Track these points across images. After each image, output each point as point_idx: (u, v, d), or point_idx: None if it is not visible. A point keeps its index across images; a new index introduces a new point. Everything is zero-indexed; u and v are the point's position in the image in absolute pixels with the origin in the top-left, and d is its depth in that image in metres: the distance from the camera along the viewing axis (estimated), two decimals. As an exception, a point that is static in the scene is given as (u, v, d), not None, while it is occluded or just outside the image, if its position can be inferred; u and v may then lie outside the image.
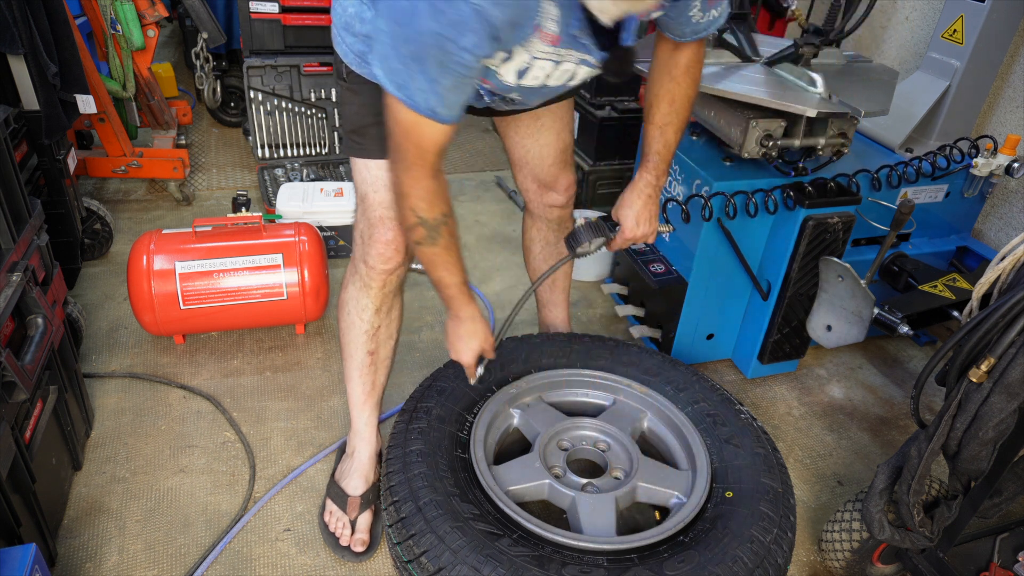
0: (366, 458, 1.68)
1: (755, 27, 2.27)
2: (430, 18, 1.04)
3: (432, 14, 1.04)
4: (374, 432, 1.68)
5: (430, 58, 1.09)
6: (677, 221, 2.03)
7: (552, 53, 1.22)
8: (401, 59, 1.11)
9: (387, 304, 1.58)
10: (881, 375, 2.36)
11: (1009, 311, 1.11)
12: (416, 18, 1.05)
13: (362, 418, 1.67)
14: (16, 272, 1.46)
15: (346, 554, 1.62)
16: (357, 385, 1.64)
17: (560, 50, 1.21)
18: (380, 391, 1.68)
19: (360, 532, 1.63)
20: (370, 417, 1.67)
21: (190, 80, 4.03)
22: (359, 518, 1.64)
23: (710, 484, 1.53)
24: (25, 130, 2.07)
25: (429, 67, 1.10)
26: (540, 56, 1.22)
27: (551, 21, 1.14)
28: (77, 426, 1.78)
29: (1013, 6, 2.18)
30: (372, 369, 1.63)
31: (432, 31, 1.05)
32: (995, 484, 1.31)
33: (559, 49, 1.21)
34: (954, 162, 2.18)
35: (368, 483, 1.67)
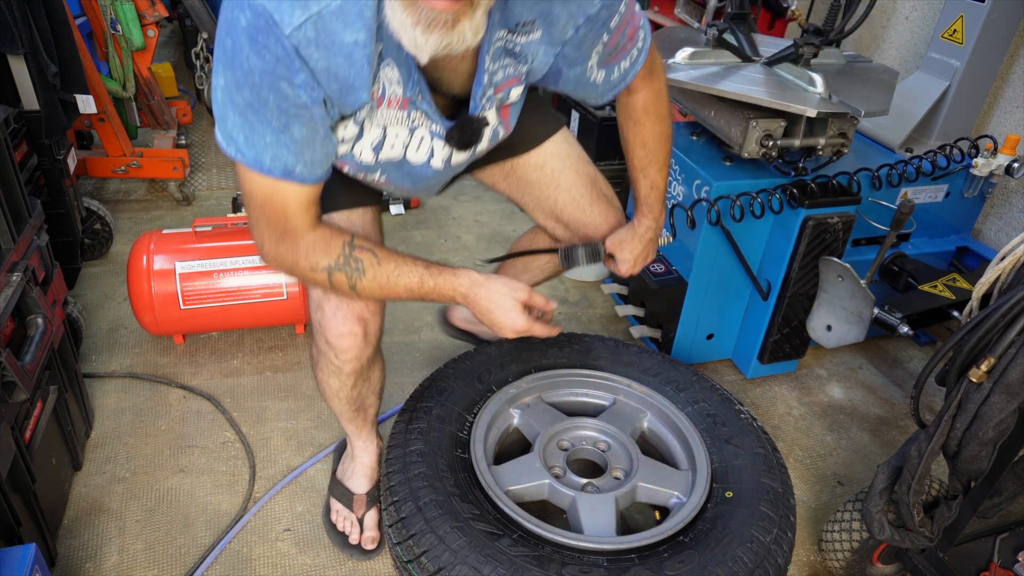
0: (369, 461, 1.68)
1: (755, 27, 2.27)
2: (255, 55, 0.93)
3: (256, 51, 0.93)
4: (373, 442, 1.68)
5: (268, 103, 0.97)
6: (681, 226, 2.03)
7: (404, 117, 1.12)
8: (239, 111, 0.99)
9: (363, 376, 1.49)
10: (881, 375, 2.36)
11: (1009, 311, 1.11)
12: (241, 57, 0.94)
13: (360, 439, 1.66)
14: (16, 272, 1.46)
15: (355, 552, 1.62)
16: (350, 426, 1.62)
17: (411, 114, 1.12)
18: (374, 417, 1.65)
19: (369, 530, 1.63)
20: (368, 435, 1.66)
21: (190, 80, 4.03)
22: (366, 516, 1.64)
23: (710, 484, 1.53)
24: (25, 130, 2.07)
25: (270, 115, 0.98)
26: (392, 123, 1.13)
27: (395, 85, 1.06)
28: (77, 426, 1.78)
29: (1013, 6, 2.18)
30: (362, 413, 1.59)
31: (261, 69, 0.94)
32: (995, 484, 1.31)
33: (410, 113, 1.12)
34: (954, 162, 2.18)
35: (372, 482, 1.67)
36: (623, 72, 1.27)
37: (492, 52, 1.09)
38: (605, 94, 1.31)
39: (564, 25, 1.12)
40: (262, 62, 0.94)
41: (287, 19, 0.91)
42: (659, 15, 3.62)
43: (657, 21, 3.56)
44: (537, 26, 1.10)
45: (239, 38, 0.94)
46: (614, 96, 1.34)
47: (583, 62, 1.20)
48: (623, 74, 1.27)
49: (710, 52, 2.07)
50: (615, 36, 1.19)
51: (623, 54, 1.24)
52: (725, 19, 2.15)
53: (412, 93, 1.08)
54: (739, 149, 1.90)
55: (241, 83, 0.97)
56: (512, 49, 1.12)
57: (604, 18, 1.14)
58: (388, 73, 1.04)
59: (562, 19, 1.11)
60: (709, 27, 2.11)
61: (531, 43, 1.12)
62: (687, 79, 1.88)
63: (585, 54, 1.19)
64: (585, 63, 1.20)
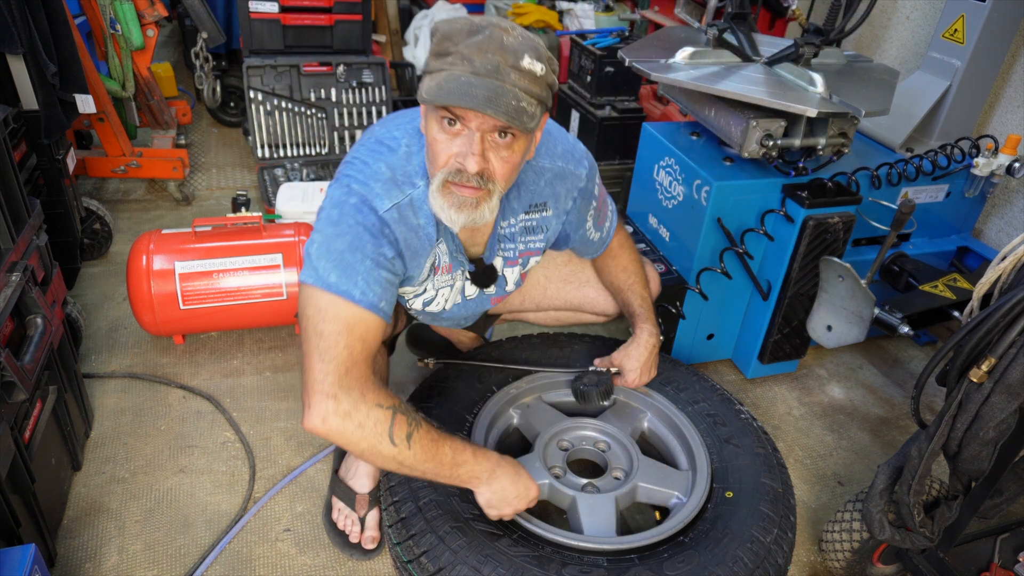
0: None
1: (755, 27, 2.27)
2: (360, 217, 1.27)
3: (359, 218, 1.27)
4: None
5: (365, 249, 1.26)
6: (682, 226, 2.02)
7: (448, 279, 1.49)
8: (337, 255, 1.25)
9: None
10: (881, 375, 2.36)
11: (1010, 311, 1.11)
12: (347, 219, 1.27)
13: None
14: (15, 272, 1.46)
15: (355, 552, 1.62)
16: None
17: (454, 274, 1.48)
18: None
19: (370, 529, 1.63)
20: None
21: (190, 80, 4.03)
22: (368, 516, 1.64)
23: (710, 484, 1.53)
24: (24, 130, 2.07)
25: (365, 258, 1.26)
26: (442, 285, 1.49)
27: (444, 256, 1.43)
28: (77, 426, 1.78)
29: (1014, 6, 2.18)
30: None
31: (362, 226, 1.26)
32: (996, 484, 1.31)
33: (453, 274, 1.48)
34: (955, 162, 2.18)
35: (375, 481, 1.67)
36: (608, 230, 1.68)
37: (517, 228, 1.49)
38: (599, 248, 1.71)
39: (565, 199, 1.51)
40: (364, 222, 1.27)
41: (380, 204, 1.29)
42: (659, 15, 3.62)
43: (657, 21, 3.56)
44: (548, 206, 1.50)
45: (345, 209, 1.28)
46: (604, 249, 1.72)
47: (583, 225, 1.59)
48: (609, 231, 1.69)
49: (710, 52, 2.07)
50: (599, 203, 1.61)
51: (605, 217, 1.66)
52: (725, 19, 2.15)
53: (454, 255, 1.44)
54: (739, 149, 1.90)
55: (344, 234, 1.26)
56: (532, 226, 1.51)
57: (590, 188, 1.54)
58: (440, 247, 1.41)
59: (563, 195, 1.50)
60: (709, 27, 2.11)
61: (545, 218, 1.52)
62: (687, 79, 1.88)
63: (583, 218, 1.58)
64: (584, 226, 1.60)
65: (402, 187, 1.31)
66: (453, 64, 1.13)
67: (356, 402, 1.22)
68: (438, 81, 1.13)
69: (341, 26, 3.21)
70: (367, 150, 1.34)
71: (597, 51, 2.96)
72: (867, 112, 1.76)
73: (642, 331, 1.70)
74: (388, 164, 1.32)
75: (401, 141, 1.34)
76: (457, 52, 1.13)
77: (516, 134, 1.19)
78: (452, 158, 1.20)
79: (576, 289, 1.84)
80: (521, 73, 1.13)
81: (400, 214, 1.31)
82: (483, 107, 1.10)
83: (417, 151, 1.33)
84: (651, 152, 2.24)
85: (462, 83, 1.11)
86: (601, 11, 4.17)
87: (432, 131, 1.21)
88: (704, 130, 2.21)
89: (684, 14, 3.18)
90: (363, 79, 3.25)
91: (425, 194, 1.31)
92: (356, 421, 1.22)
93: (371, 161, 1.32)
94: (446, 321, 1.70)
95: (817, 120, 1.88)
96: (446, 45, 1.15)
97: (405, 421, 1.26)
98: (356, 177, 1.30)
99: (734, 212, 1.98)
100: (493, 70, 1.12)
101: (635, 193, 2.39)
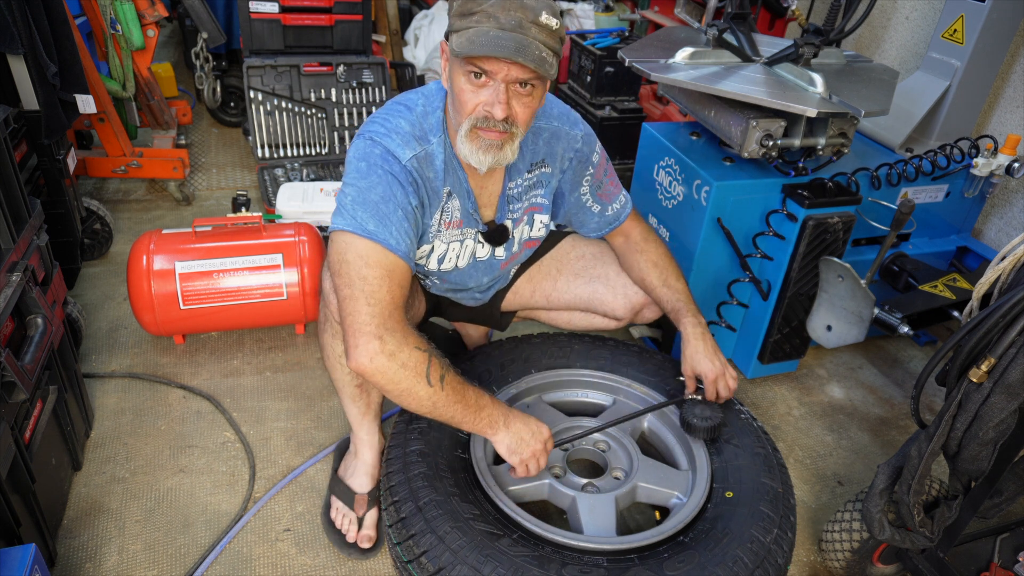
0: (371, 459, 1.68)
1: (755, 27, 2.27)
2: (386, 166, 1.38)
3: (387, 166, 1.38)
4: (376, 436, 1.68)
5: (396, 198, 1.36)
6: (681, 225, 2.02)
7: (459, 234, 1.56)
8: (373, 205, 1.35)
9: None
10: (881, 375, 2.36)
11: (1009, 311, 1.11)
12: (376, 169, 1.37)
13: (363, 428, 1.67)
14: (16, 272, 1.46)
15: (352, 551, 1.62)
16: (352, 408, 1.64)
17: (464, 230, 1.56)
18: (377, 405, 1.67)
19: (367, 529, 1.63)
20: (371, 426, 1.67)
21: (190, 80, 4.03)
22: (366, 515, 1.64)
23: (710, 484, 1.53)
24: (25, 130, 2.07)
25: (397, 207, 1.36)
26: (452, 239, 1.56)
27: (456, 212, 1.52)
28: (77, 426, 1.78)
29: (1013, 6, 2.18)
30: (364, 395, 1.62)
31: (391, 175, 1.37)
32: (995, 484, 1.31)
33: (463, 230, 1.56)
34: (954, 162, 2.18)
35: (374, 481, 1.68)
36: (616, 212, 1.74)
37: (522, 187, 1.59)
38: (603, 227, 1.76)
39: (562, 158, 1.61)
40: (391, 170, 1.38)
41: (402, 154, 1.40)
42: (659, 15, 3.62)
43: (657, 21, 3.56)
44: (547, 163, 1.60)
45: (373, 160, 1.38)
46: (611, 230, 1.76)
47: (578, 187, 1.67)
48: (616, 213, 1.74)
49: (710, 52, 2.07)
50: (599, 171, 1.68)
51: (612, 196, 1.72)
52: (725, 19, 2.15)
53: (468, 212, 1.53)
54: (739, 149, 1.90)
55: (375, 185, 1.37)
56: (534, 182, 1.61)
57: (586, 153, 1.63)
58: (452, 203, 1.51)
59: (559, 154, 1.60)
60: (709, 27, 2.11)
61: (544, 174, 1.62)
62: (687, 79, 1.88)
63: (579, 181, 1.66)
64: (579, 188, 1.68)
65: (420, 141, 1.43)
66: (479, 22, 1.26)
67: (400, 343, 1.31)
68: (468, 36, 1.26)
69: (341, 26, 3.21)
70: (386, 111, 1.47)
71: (597, 51, 2.96)
72: (867, 112, 1.76)
73: (685, 325, 1.67)
74: (407, 120, 1.43)
75: (418, 102, 1.47)
76: (482, 11, 1.26)
77: (535, 84, 1.33)
78: (479, 106, 1.33)
79: (586, 284, 1.83)
80: (540, 27, 1.26)
81: (419, 164, 1.42)
82: (514, 56, 1.23)
83: (433, 111, 1.45)
84: (651, 152, 2.24)
85: (491, 37, 1.24)
86: (601, 11, 4.17)
87: (459, 83, 1.33)
88: (704, 130, 2.21)
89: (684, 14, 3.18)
90: (363, 79, 3.25)
91: (439, 150, 1.44)
92: (400, 361, 1.30)
93: (391, 118, 1.43)
94: (462, 293, 1.75)
95: (817, 120, 1.88)
96: (470, 6, 1.27)
97: (438, 364, 1.35)
98: (377, 131, 1.42)
99: (734, 212, 1.98)
100: (517, 25, 1.25)
101: (635, 193, 2.39)
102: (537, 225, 1.69)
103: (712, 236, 2.00)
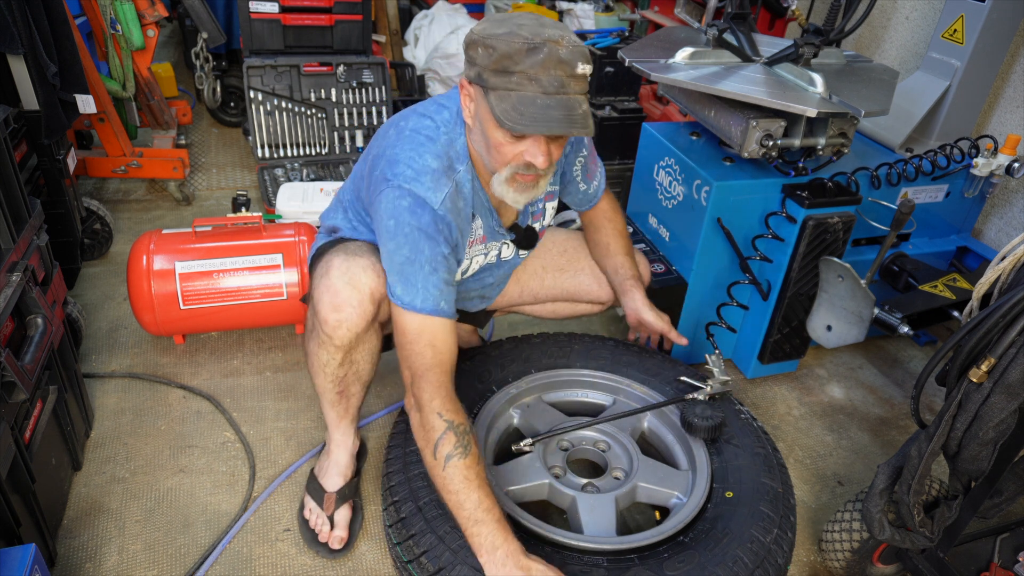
0: (343, 459, 1.69)
1: (755, 27, 2.27)
2: (416, 220, 1.36)
3: (416, 219, 1.36)
4: (351, 438, 1.69)
5: (424, 254, 1.36)
6: (681, 225, 2.02)
7: (482, 248, 1.59)
8: (398, 267, 1.37)
9: (350, 356, 1.52)
10: (881, 375, 2.36)
11: (1009, 311, 1.11)
12: (404, 226, 1.36)
13: (339, 430, 1.68)
14: (16, 272, 1.46)
15: (322, 550, 1.62)
16: (331, 412, 1.65)
17: (488, 244, 1.60)
18: (355, 410, 1.67)
19: (339, 529, 1.63)
20: (347, 428, 1.68)
21: (190, 80, 4.03)
22: (337, 515, 1.65)
23: (710, 484, 1.53)
24: (25, 130, 2.07)
25: (425, 263, 1.36)
26: (476, 254, 1.59)
27: (479, 230, 1.54)
28: (77, 426, 1.78)
29: (1013, 6, 2.18)
30: (344, 400, 1.61)
31: (419, 228, 1.36)
32: (995, 484, 1.31)
33: (487, 244, 1.59)
34: (954, 162, 2.18)
35: (345, 479, 1.68)
36: (596, 188, 1.81)
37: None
38: (585, 203, 1.83)
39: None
40: (419, 224, 1.36)
41: (434, 199, 1.38)
42: (659, 15, 3.62)
43: (657, 21, 3.56)
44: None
45: (401, 216, 1.37)
46: (592, 205, 1.83)
47: (572, 168, 1.71)
48: (596, 189, 1.81)
49: (710, 52, 2.07)
50: (589, 155, 1.73)
51: (594, 174, 1.79)
52: (725, 19, 2.15)
53: (491, 229, 1.57)
54: (739, 149, 1.90)
55: (401, 246, 1.37)
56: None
57: (580, 137, 1.65)
58: (477, 224, 1.53)
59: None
60: (709, 27, 2.11)
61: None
62: (687, 79, 1.88)
63: (574, 161, 1.70)
64: (572, 168, 1.71)
65: (449, 175, 1.42)
66: (520, 84, 1.25)
67: (422, 405, 1.35)
68: (512, 104, 1.25)
69: (341, 26, 3.21)
70: (410, 146, 1.42)
71: (597, 51, 2.96)
72: (867, 112, 1.76)
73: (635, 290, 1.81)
74: (433, 154, 1.41)
75: (440, 131, 1.43)
76: (522, 72, 1.24)
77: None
78: (519, 156, 1.33)
79: (571, 277, 1.89)
80: (577, 79, 1.27)
81: (451, 203, 1.41)
82: (567, 130, 1.25)
83: (456, 137, 1.44)
84: (651, 152, 2.24)
85: (539, 108, 1.24)
86: (601, 11, 4.17)
87: (496, 136, 1.32)
88: (704, 130, 2.21)
89: (684, 14, 3.18)
90: (363, 79, 3.25)
91: (466, 177, 1.44)
92: (417, 420, 1.36)
93: (417, 156, 1.40)
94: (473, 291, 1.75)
95: (817, 120, 1.88)
96: (507, 64, 1.24)
97: (452, 443, 1.31)
98: (405, 174, 1.38)
99: (734, 212, 1.98)
100: (560, 86, 1.25)
101: (635, 193, 2.39)
102: (549, 212, 1.73)
103: (712, 236, 2.00)
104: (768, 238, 1.97)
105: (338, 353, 1.49)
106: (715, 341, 2.15)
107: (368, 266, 1.45)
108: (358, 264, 1.45)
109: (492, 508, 1.28)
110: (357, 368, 1.55)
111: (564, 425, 1.68)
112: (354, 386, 1.59)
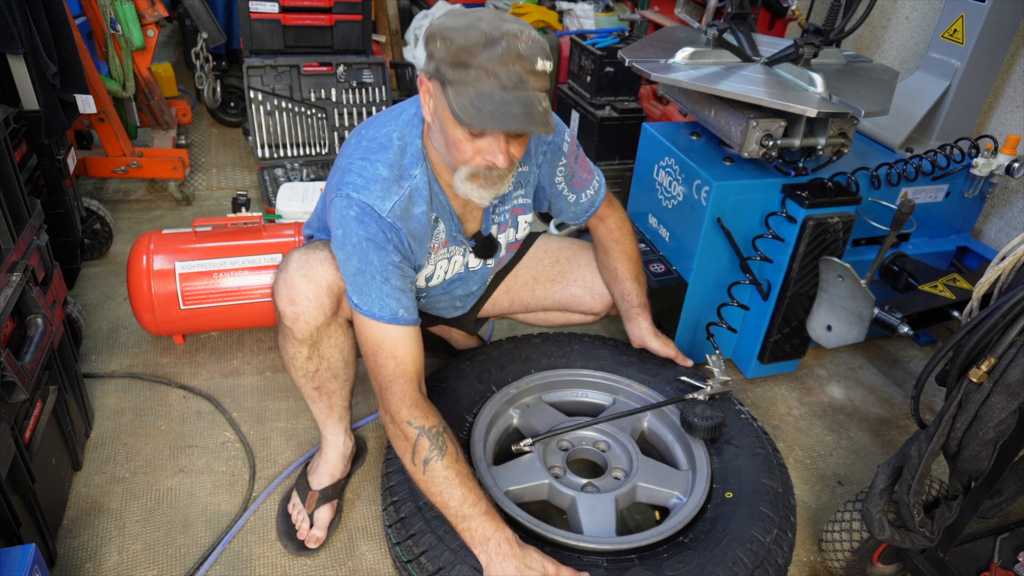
0: (333, 459, 1.69)
1: (755, 27, 2.27)
2: (362, 230, 1.35)
3: (363, 228, 1.35)
4: (340, 438, 1.69)
5: (370, 268, 1.36)
6: (681, 225, 2.02)
7: (445, 253, 1.56)
8: (351, 278, 1.38)
9: (317, 350, 1.51)
10: (881, 375, 2.36)
11: (1009, 311, 1.11)
12: (351, 236, 1.35)
13: (327, 428, 1.68)
14: (16, 272, 1.46)
15: (291, 545, 1.63)
16: (314, 408, 1.65)
17: (450, 248, 1.56)
18: (341, 407, 1.66)
19: (317, 529, 1.64)
20: (335, 427, 1.68)
21: (190, 80, 4.03)
22: (317, 513, 1.65)
23: (710, 484, 1.53)
24: (25, 130, 2.07)
25: (374, 278, 1.36)
26: (440, 259, 1.55)
27: (442, 234, 1.51)
28: (77, 426, 1.78)
29: (1013, 6, 2.18)
30: (324, 397, 1.61)
31: (366, 239, 1.35)
32: (995, 484, 1.31)
33: (449, 248, 1.55)
34: (954, 162, 2.18)
35: (333, 479, 1.68)
36: (591, 198, 1.73)
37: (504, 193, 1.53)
38: (581, 215, 1.75)
39: (535, 153, 1.59)
40: (366, 234, 1.35)
41: (382, 207, 1.36)
42: (659, 15, 3.62)
43: (657, 21, 3.56)
44: (523, 162, 1.57)
45: (348, 226, 1.35)
46: (589, 217, 1.77)
47: (554, 177, 1.64)
48: (591, 199, 1.73)
49: (710, 52, 2.07)
50: (571, 159, 1.65)
51: (586, 183, 1.71)
52: (725, 19, 2.15)
53: (452, 234, 1.53)
54: (739, 149, 1.90)
55: (351, 256, 1.36)
56: (514, 183, 1.58)
57: (557, 143, 1.59)
58: (439, 227, 1.49)
59: (532, 148, 1.57)
60: (709, 27, 2.11)
61: (522, 173, 1.59)
62: (687, 79, 1.88)
63: (553, 171, 1.63)
64: (554, 178, 1.64)
65: (400, 183, 1.38)
66: (478, 79, 1.21)
67: (392, 415, 1.36)
68: (469, 99, 1.21)
69: (341, 26, 3.21)
70: (361, 154, 1.40)
71: (597, 51, 2.96)
72: (867, 112, 1.76)
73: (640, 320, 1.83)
74: (384, 162, 1.38)
75: (393, 136, 1.41)
76: (479, 66, 1.20)
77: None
78: (479, 154, 1.29)
79: (563, 288, 1.87)
80: (537, 76, 1.23)
81: (402, 211, 1.38)
82: (525, 126, 1.22)
83: (411, 141, 1.41)
84: (651, 152, 2.24)
85: (497, 103, 1.20)
86: (601, 11, 4.17)
87: (454, 133, 1.28)
88: (704, 130, 2.21)
89: (684, 14, 3.18)
90: (363, 79, 3.25)
91: (422, 181, 1.41)
92: (391, 431, 1.38)
93: (368, 165, 1.38)
94: (443, 301, 1.73)
95: (817, 120, 1.88)
96: (464, 56, 1.20)
97: (427, 447, 1.32)
98: (355, 183, 1.36)
99: (734, 212, 1.98)
100: (518, 81, 1.21)
101: (635, 193, 2.39)
102: (522, 226, 1.69)
103: (712, 236, 2.00)
104: (768, 238, 1.97)
105: (302, 347, 1.50)
106: (715, 341, 2.15)
107: (326, 259, 1.45)
108: (316, 257, 1.45)
109: (477, 502, 1.30)
110: (329, 363, 1.55)
111: (564, 425, 1.68)
112: (330, 383, 1.59)
